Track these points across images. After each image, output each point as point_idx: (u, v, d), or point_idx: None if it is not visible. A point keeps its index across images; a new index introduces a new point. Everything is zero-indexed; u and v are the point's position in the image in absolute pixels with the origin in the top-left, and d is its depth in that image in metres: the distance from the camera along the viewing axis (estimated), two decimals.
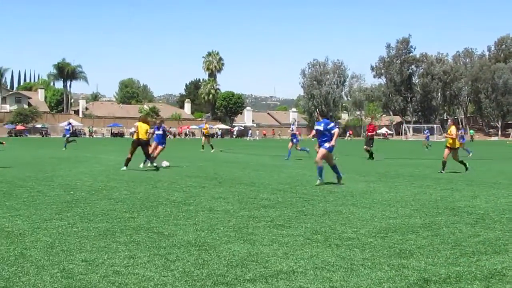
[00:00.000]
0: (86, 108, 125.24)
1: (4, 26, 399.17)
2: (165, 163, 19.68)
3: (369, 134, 28.30)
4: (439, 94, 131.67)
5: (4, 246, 6.62)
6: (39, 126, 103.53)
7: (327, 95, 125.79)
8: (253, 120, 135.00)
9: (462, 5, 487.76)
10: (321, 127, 14.65)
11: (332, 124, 14.73)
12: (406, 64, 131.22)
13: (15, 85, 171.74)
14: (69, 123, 44.17)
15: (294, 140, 27.35)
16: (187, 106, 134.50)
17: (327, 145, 14.44)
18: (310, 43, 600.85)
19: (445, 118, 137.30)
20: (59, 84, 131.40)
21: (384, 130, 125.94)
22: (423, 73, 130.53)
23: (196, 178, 15.80)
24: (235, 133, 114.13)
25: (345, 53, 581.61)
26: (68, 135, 40.55)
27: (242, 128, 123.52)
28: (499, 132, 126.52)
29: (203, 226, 8.11)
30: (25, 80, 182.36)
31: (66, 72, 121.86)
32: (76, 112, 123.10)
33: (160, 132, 21.29)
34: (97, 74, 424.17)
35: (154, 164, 18.94)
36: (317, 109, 14.75)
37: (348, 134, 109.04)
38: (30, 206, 9.90)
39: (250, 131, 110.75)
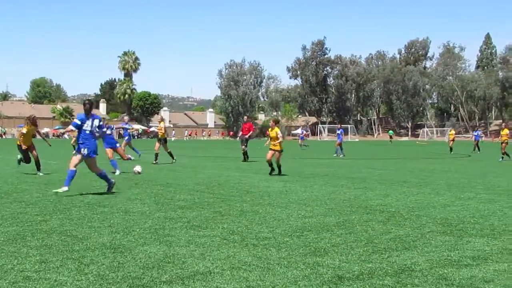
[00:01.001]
0: None
1: None
2: (137, 169, 17.52)
3: (244, 133, 26.78)
4: (353, 95, 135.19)
5: None
6: None
7: (244, 96, 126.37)
8: (170, 121, 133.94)
9: (375, 9, 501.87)
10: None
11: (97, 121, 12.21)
12: (321, 66, 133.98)
13: None
14: None
15: (127, 139, 26.73)
16: (102, 106, 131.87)
17: (85, 151, 11.91)
18: (227, 44, 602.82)
19: (358, 119, 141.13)
20: None
21: (300, 130, 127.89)
22: (337, 74, 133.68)
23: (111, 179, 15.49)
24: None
25: (262, 54, 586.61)
26: None
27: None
28: (409, 133, 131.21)
29: (118, 228, 7.97)
30: None
31: None
32: None
33: (109, 131, 19.28)
34: (6, 72, 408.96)
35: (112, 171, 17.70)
36: (86, 100, 12.11)
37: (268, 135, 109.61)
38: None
39: (173, 132, 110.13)
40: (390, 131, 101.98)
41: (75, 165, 12.11)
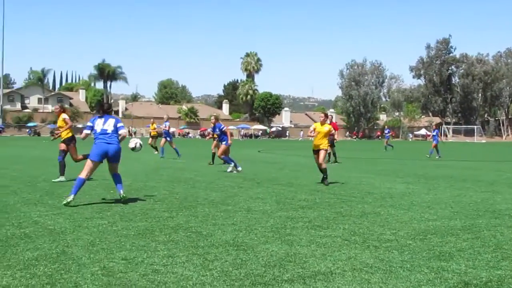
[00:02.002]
0: (126, 109, 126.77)
1: (47, 28, 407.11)
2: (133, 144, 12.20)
3: None
4: (480, 95, 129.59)
5: (47, 243, 6.75)
6: (80, 126, 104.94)
7: (365, 96, 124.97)
8: (291, 121, 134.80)
9: (503, 5, 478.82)
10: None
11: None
12: (446, 65, 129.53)
13: (57, 85, 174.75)
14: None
15: (168, 138, 26.89)
16: (225, 106, 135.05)
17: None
18: (348, 43, 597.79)
19: (485, 119, 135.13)
20: (99, 85, 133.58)
21: (423, 131, 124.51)
22: (463, 73, 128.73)
23: (233, 178, 15.86)
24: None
25: (384, 54, 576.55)
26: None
27: (280, 129, 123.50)
28: None
29: (241, 226, 8.14)
30: (66, 81, 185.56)
31: (106, 73, 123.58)
32: (116, 112, 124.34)
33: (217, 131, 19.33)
34: (136, 75, 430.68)
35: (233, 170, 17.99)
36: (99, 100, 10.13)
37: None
38: (71, 204, 10.04)
39: (302, 132, 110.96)
40: None
41: (87, 173, 10.78)
